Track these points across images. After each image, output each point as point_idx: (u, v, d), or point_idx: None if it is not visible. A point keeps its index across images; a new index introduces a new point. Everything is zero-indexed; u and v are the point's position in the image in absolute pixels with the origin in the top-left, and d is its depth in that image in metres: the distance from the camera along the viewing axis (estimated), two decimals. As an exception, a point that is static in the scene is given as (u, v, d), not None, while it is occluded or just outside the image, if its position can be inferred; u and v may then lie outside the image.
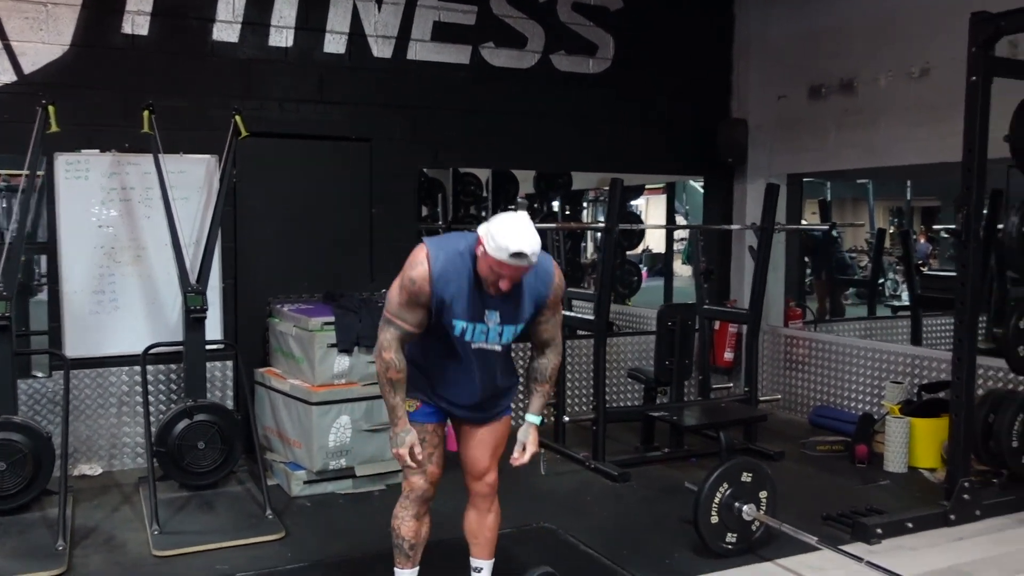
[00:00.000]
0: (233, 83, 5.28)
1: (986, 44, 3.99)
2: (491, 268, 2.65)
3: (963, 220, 4.11)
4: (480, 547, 3.16)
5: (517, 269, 2.63)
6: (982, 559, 3.83)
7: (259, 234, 5.38)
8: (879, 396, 5.83)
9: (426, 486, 3.02)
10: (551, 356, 3.02)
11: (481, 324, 2.78)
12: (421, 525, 3.08)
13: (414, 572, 3.12)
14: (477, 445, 3.05)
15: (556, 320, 2.98)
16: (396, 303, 2.79)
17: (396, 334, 2.80)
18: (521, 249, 2.58)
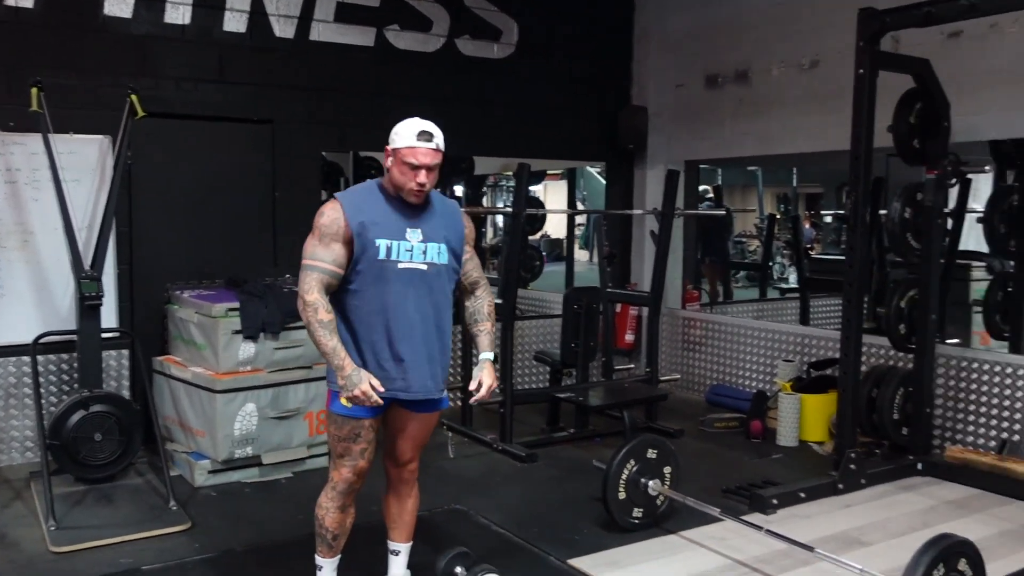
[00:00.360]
0: (126, 61, 5.06)
1: (872, 39, 4.21)
2: (403, 162, 2.75)
3: (851, 206, 4.34)
4: (399, 531, 3.17)
5: (428, 153, 2.74)
6: (869, 524, 4.08)
7: (156, 218, 5.19)
8: (772, 374, 6.10)
9: (355, 479, 2.97)
10: (483, 295, 3.07)
11: (404, 241, 2.79)
12: (346, 516, 3.05)
13: (336, 560, 3.10)
14: (406, 438, 3.03)
15: (476, 260, 3.06)
16: (310, 247, 2.77)
17: (315, 276, 2.74)
18: (424, 128, 2.76)
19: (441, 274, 2.88)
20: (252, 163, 5.52)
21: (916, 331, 4.83)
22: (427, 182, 2.77)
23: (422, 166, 2.75)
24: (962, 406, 5.01)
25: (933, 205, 4.62)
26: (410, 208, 2.83)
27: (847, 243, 4.57)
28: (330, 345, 2.76)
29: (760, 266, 10.32)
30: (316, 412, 4.74)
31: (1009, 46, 4.79)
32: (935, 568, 2.72)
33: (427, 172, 2.76)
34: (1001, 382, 4.84)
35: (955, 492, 4.56)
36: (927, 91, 4.57)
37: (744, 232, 17.83)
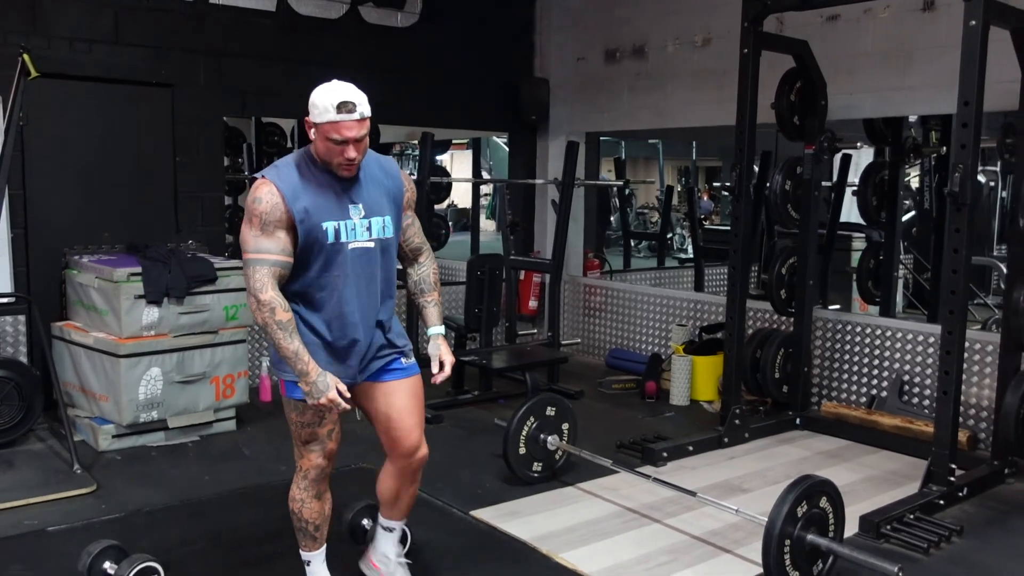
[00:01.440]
0: (14, 18, 4.93)
1: (755, 20, 4.47)
2: (328, 138, 2.46)
3: (736, 178, 4.62)
4: (395, 510, 2.93)
5: (353, 125, 2.45)
6: (749, 473, 4.41)
7: (52, 181, 5.09)
8: (667, 338, 6.41)
9: (325, 463, 2.76)
10: (427, 263, 2.88)
11: (348, 220, 2.56)
12: (324, 504, 2.85)
13: (323, 552, 2.92)
14: (400, 413, 2.74)
15: (418, 225, 2.85)
16: (251, 237, 2.48)
17: (265, 270, 2.47)
18: (345, 98, 2.43)
19: (388, 247, 2.69)
20: (152, 127, 5.45)
21: (795, 296, 5.18)
22: (357, 155, 2.50)
23: (348, 140, 2.46)
24: (837, 365, 5.41)
25: (811, 178, 4.95)
26: (346, 180, 2.58)
27: (732, 213, 4.86)
28: (291, 348, 2.49)
29: (658, 236, 10.68)
30: (222, 377, 4.78)
31: (881, 30, 5.15)
32: (799, 505, 3.01)
33: (355, 144, 2.48)
34: (872, 343, 5.25)
35: (829, 444, 4.94)
36: (806, 71, 4.89)
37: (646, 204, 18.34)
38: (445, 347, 2.81)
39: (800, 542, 3.01)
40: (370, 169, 2.65)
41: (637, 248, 13.42)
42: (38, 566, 3.21)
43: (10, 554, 3.30)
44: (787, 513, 2.97)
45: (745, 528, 3.57)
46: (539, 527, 3.65)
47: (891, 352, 5.14)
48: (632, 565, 3.33)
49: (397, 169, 2.76)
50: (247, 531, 3.57)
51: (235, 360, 4.83)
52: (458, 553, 3.40)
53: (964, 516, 3.83)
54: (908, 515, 3.68)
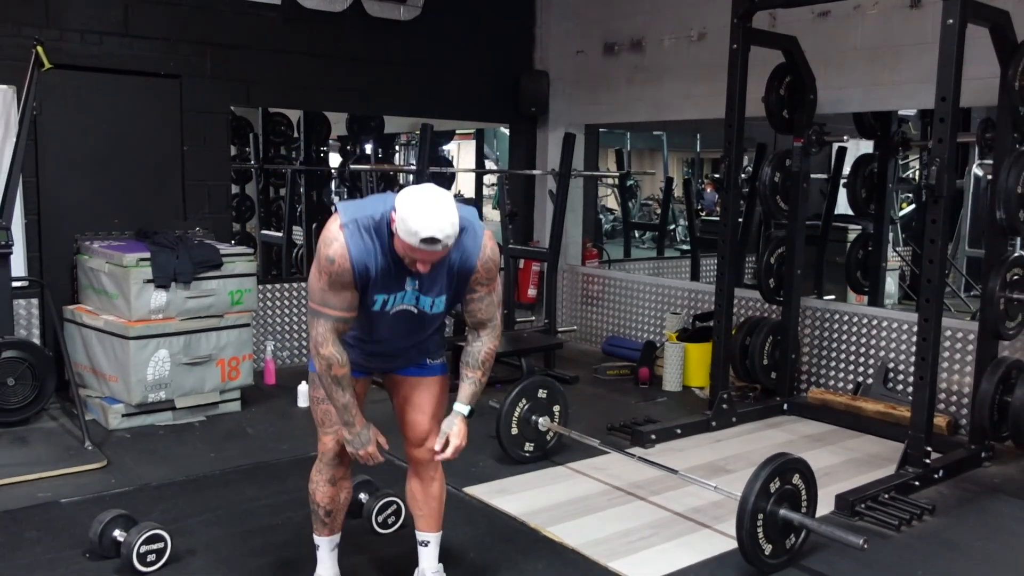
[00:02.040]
0: (28, 11, 5.09)
1: (744, 17, 4.61)
2: (405, 249, 2.39)
3: (725, 170, 4.76)
4: (426, 519, 2.87)
5: (432, 255, 2.38)
6: (735, 455, 4.57)
7: (64, 169, 5.26)
8: (662, 326, 6.56)
9: (338, 448, 2.76)
10: (485, 339, 2.71)
11: (401, 292, 2.55)
12: (339, 490, 2.84)
13: (334, 539, 2.91)
14: (415, 409, 2.79)
15: (492, 300, 2.67)
16: (319, 289, 2.48)
17: (329, 325, 2.49)
18: (432, 235, 2.31)
19: (435, 315, 2.65)
20: (160, 117, 5.62)
21: (784, 285, 5.32)
22: (426, 269, 2.44)
23: (423, 261, 2.41)
24: (825, 353, 5.56)
25: (799, 170, 5.09)
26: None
27: (721, 204, 5.00)
28: (342, 401, 2.57)
29: (658, 227, 10.82)
30: (227, 359, 4.95)
31: (869, 27, 5.27)
32: (772, 481, 3.17)
33: (426, 263, 2.43)
34: (859, 331, 5.39)
35: (814, 428, 5.10)
36: (795, 66, 5.02)
37: (651, 196, 18.43)
38: (460, 427, 2.70)
39: (773, 516, 3.17)
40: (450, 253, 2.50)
41: (640, 239, 13.54)
42: (52, 534, 3.39)
43: (26, 523, 3.48)
44: (760, 489, 3.13)
45: (725, 506, 3.73)
46: (528, 503, 3.82)
47: (877, 340, 5.28)
48: (615, 539, 3.49)
49: (475, 251, 2.55)
50: (250, 505, 3.74)
51: (240, 343, 5.00)
52: (451, 526, 3.56)
53: (938, 497, 3.98)
54: (883, 495, 3.84)
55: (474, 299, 2.64)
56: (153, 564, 3.08)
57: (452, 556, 3.25)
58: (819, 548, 3.38)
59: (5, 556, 3.19)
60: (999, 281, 4.22)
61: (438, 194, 2.37)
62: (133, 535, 3.07)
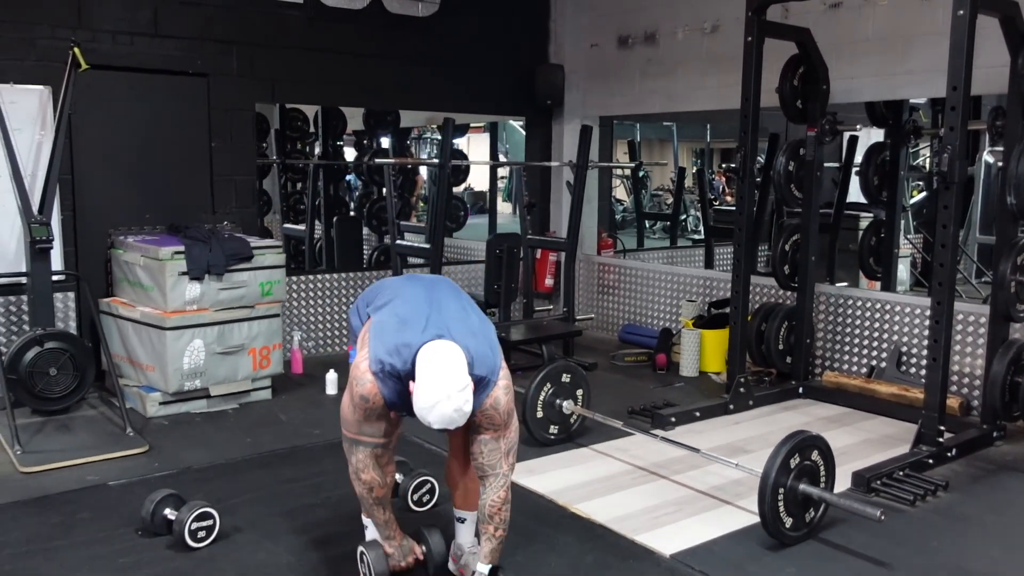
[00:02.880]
0: (63, 13, 5.24)
1: (759, 10, 4.73)
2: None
3: (740, 160, 4.89)
4: (464, 498, 3.00)
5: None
6: (752, 436, 4.71)
7: (97, 167, 5.42)
8: (678, 313, 6.69)
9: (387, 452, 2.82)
10: (490, 491, 2.69)
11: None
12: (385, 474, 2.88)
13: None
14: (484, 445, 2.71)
15: (496, 447, 2.65)
16: (353, 420, 2.62)
17: (367, 452, 2.64)
18: (442, 427, 2.47)
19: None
20: (189, 115, 5.77)
21: (798, 271, 5.45)
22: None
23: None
24: (839, 338, 5.68)
25: (813, 159, 5.21)
26: None
27: (736, 193, 5.13)
28: (383, 518, 2.78)
29: (671, 217, 10.94)
30: (258, 348, 5.11)
31: (881, 17, 5.38)
32: (792, 457, 3.31)
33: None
34: (872, 316, 5.51)
35: (829, 410, 5.23)
36: (808, 57, 5.14)
37: (662, 187, 18.53)
38: None
39: (793, 491, 3.31)
40: None
41: (652, 230, 13.66)
42: (104, 514, 3.56)
43: (78, 504, 3.66)
44: (780, 464, 3.27)
45: (746, 484, 3.86)
46: (556, 483, 3.97)
47: (890, 325, 5.40)
48: (640, 515, 3.64)
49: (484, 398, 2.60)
50: (288, 486, 3.90)
51: (270, 333, 5.16)
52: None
53: (951, 474, 4.11)
54: (898, 472, 3.97)
55: (476, 439, 2.64)
56: (203, 540, 3.24)
57: (486, 531, 3.40)
58: (838, 522, 3.51)
59: (63, 535, 3.36)
60: (1010, 265, 4.34)
61: (451, 376, 2.42)
62: (184, 513, 3.23)
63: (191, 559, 3.17)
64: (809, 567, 3.20)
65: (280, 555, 3.23)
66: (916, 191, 9.95)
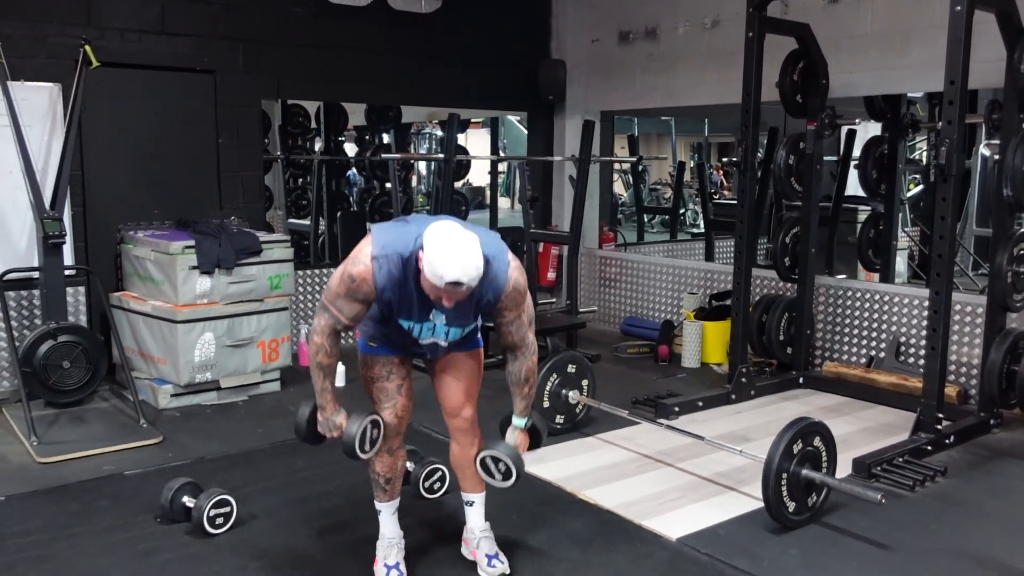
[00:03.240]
0: (72, 11, 5.30)
1: (760, 6, 4.81)
2: (430, 288, 2.56)
3: (741, 153, 4.96)
4: (470, 480, 3.09)
5: (455, 296, 2.54)
6: (753, 425, 4.79)
7: (106, 163, 5.49)
8: (679, 306, 6.78)
9: (396, 421, 2.94)
10: (522, 359, 2.89)
11: (428, 323, 2.77)
12: (396, 459, 3.02)
13: (394, 503, 3.08)
14: (450, 383, 3.00)
15: (522, 322, 2.81)
16: (335, 292, 2.69)
17: (330, 322, 2.71)
18: (456, 279, 2.46)
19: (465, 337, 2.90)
20: (196, 111, 5.84)
21: (798, 263, 5.53)
22: (452, 304, 2.60)
23: (449, 298, 2.57)
24: (839, 329, 5.77)
25: (812, 153, 5.29)
26: None
27: (737, 186, 5.21)
28: (321, 384, 2.81)
29: (671, 211, 11.03)
30: (267, 341, 5.19)
31: (879, 12, 5.45)
32: (795, 443, 3.39)
33: (454, 299, 2.58)
34: (871, 307, 5.60)
35: (829, 400, 5.32)
36: (808, 52, 5.21)
37: (660, 180, 18.62)
38: (521, 439, 2.98)
39: (796, 477, 3.40)
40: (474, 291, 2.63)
41: (651, 224, 13.75)
42: (122, 502, 3.64)
43: (96, 493, 3.74)
44: (784, 450, 3.36)
45: (749, 470, 3.95)
46: (563, 470, 4.05)
47: (889, 316, 5.49)
48: (646, 501, 3.72)
49: (502, 283, 2.70)
50: (300, 475, 3.98)
51: (279, 326, 5.24)
52: (495, 491, 3.78)
53: (949, 460, 4.20)
54: (897, 458, 4.06)
55: (503, 323, 2.80)
56: (221, 527, 3.33)
57: (497, 517, 3.46)
58: (839, 506, 3.60)
59: (83, 522, 3.44)
60: (1006, 255, 4.42)
61: (464, 236, 2.50)
62: (202, 500, 3.31)
63: (209, 545, 3.26)
64: (812, 549, 3.28)
65: (295, 540, 3.31)
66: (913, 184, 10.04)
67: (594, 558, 3.20)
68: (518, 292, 2.74)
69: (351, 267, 2.65)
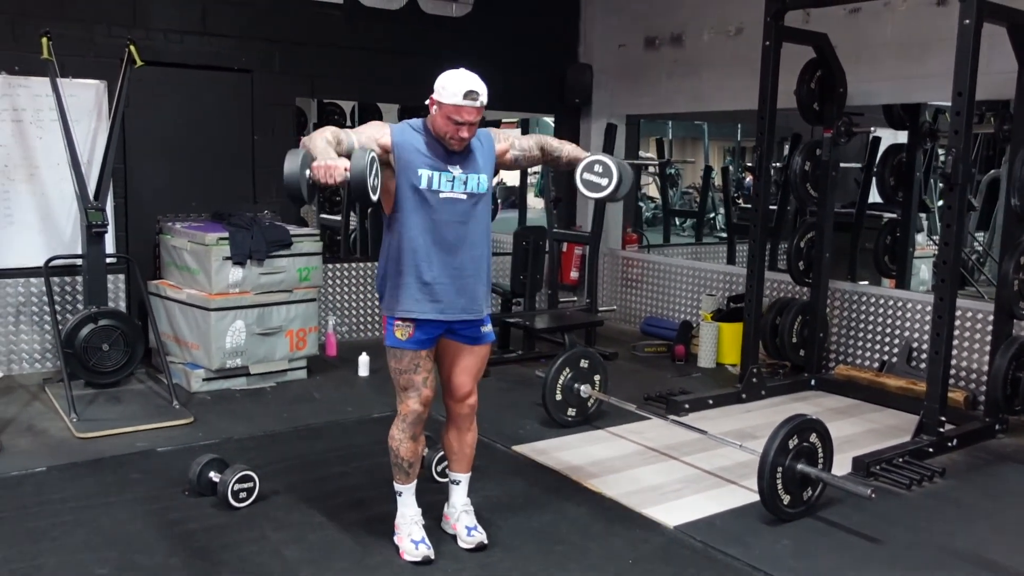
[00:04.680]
0: (119, 12, 5.58)
1: (776, 16, 4.93)
2: (448, 118, 2.88)
3: (756, 159, 5.09)
4: (459, 462, 3.31)
5: (472, 111, 2.87)
6: (762, 424, 4.90)
7: (147, 157, 5.76)
8: (698, 307, 6.90)
9: (421, 409, 3.11)
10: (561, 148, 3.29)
11: (445, 172, 2.97)
12: (418, 445, 3.19)
13: (413, 485, 3.26)
14: (461, 371, 3.18)
15: (523, 141, 3.23)
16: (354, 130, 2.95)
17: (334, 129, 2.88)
18: (472, 88, 2.85)
19: (479, 202, 3.05)
20: (233, 108, 6.09)
21: (813, 267, 5.64)
22: (468, 135, 2.93)
23: (465, 123, 2.88)
24: (852, 333, 5.86)
25: (829, 159, 5.40)
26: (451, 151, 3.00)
27: (752, 190, 5.33)
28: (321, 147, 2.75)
29: (697, 214, 11.12)
30: (295, 331, 5.42)
31: (898, 23, 5.54)
32: (790, 438, 3.53)
33: (469, 127, 2.91)
34: (885, 312, 5.69)
35: (839, 402, 5.42)
36: (825, 61, 5.32)
37: (693, 185, 18.65)
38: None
39: (791, 471, 3.54)
40: (472, 143, 3.04)
41: (680, 227, 13.82)
42: (153, 476, 3.88)
43: (130, 467, 3.98)
44: (779, 445, 3.50)
45: (751, 466, 4.03)
46: (570, 460, 4.22)
47: (902, 321, 5.58)
48: (648, 491, 3.88)
49: (490, 134, 3.17)
50: (322, 456, 4.20)
51: (307, 316, 5.47)
52: (500, 477, 3.99)
53: (950, 463, 4.30)
54: (897, 458, 4.17)
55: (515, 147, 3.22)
56: (244, 501, 3.54)
57: (503, 502, 3.68)
58: (835, 502, 3.73)
59: (117, 492, 3.69)
60: (1013, 264, 4.51)
61: (465, 70, 2.92)
62: (228, 475, 3.54)
63: (233, 517, 3.48)
64: (803, 540, 3.42)
65: (314, 515, 3.52)
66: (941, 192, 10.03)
67: (592, 542, 3.36)
68: (499, 132, 3.22)
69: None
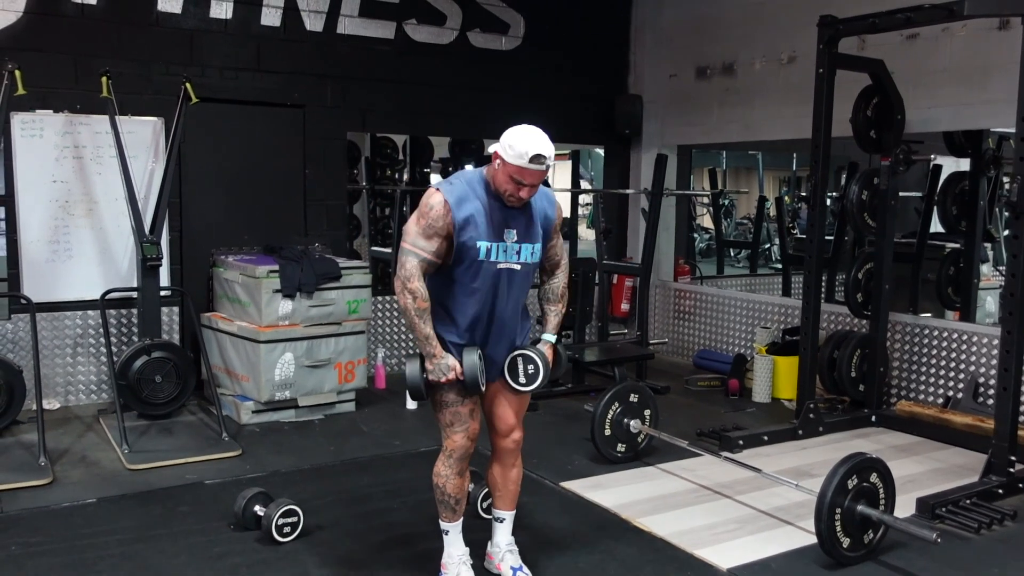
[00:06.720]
0: (177, 51, 5.72)
1: (830, 43, 4.83)
2: (511, 178, 2.81)
3: (811, 189, 4.97)
4: (503, 499, 3.25)
5: (536, 174, 2.79)
6: (819, 461, 4.74)
7: (202, 191, 5.86)
8: (752, 339, 6.75)
9: (468, 444, 3.07)
10: (559, 276, 3.20)
11: (502, 243, 2.92)
12: (464, 480, 3.14)
13: (460, 523, 3.20)
14: (505, 407, 3.15)
15: (560, 242, 3.18)
16: (414, 232, 2.86)
17: (416, 263, 2.85)
18: (540, 152, 2.75)
19: (529, 271, 3.04)
20: (285, 143, 6.18)
21: (872, 299, 5.47)
22: (529, 196, 2.87)
23: (528, 185, 2.82)
24: (915, 367, 5.66)
25: (887, 188, 5.25)
26: (509, 208, 2.93)
27: (808, 221, 5.20)
28: (425, 332, 2.89)
29: (751, 244, 10.95)
30: (344, 363, 5.42)
31: (958, 47, 5.39)
32: (850, 478, 3.39)
33: (531, 188, 2.84)
34: (948, 346, 5.48)
35: (901, 439, 5.22)
36: (882, 88, 5.19)
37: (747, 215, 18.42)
38: (549, 353, 3.11)
39: (850, 512, 3.39)
40: (533, 200, 2.97)
41: (735, 258, 13.62)
42: (200, 508, 3.88)
43: (178, 499, 4.00)
44: (837, 485, 3.35)
45: (807, 506, 3.90)
46: (620, 497, 4.12)
47: (967, 355, 5.36)
48: (701, 531, 3.76)
49: (552, 199, 3.10)
50: (368, 491, 4.16)
51: (356, 348, 5.47)
52: (547, 514, 3.90)
53: (1021, 505, 4.08)
54: (964, 500, 3.97)
55: (551, 246, 3.13)
56: (289, 535, 3.52)
57: (551, 540, 3.59)
58: (898, 546, 3.56)
59: (164, 525, 3.69)
60: (1085, 295, 4.29)
61: (534, 127, 2.82)
62: (272, 509, 3.52)
63: (277, 552, 3.45)
64: (864, 586, 3.27)
65: (359, 551, 3.48)
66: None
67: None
68: (560, 211, 3.14)
69: (426, 199, 2.88)
